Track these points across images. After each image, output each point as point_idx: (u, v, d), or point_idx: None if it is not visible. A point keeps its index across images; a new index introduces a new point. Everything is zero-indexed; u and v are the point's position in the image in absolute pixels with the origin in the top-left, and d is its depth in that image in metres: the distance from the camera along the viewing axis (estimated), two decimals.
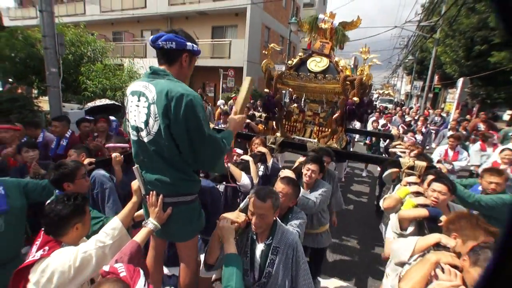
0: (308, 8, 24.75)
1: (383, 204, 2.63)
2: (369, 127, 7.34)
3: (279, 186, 1.99)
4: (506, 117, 12.15)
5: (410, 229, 2.15)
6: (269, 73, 3.88)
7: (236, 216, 1.64)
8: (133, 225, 1.77)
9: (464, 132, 7.46)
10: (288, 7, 20.40)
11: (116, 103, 6.19)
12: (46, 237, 1.39)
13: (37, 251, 1.32)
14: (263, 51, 3.97)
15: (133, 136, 1.47)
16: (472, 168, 5.41)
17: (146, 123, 1.37)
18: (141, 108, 1.38)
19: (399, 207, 2.56)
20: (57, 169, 1.88)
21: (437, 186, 2.24)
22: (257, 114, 6.73)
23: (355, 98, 3.34)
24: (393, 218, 2.33)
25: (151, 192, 1.48)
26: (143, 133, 1.40)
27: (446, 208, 2.26)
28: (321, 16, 3.81)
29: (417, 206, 2.36)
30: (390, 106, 19.89)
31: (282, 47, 17.88)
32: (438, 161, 4.70)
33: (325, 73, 3.63)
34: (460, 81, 10.58)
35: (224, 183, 2.81)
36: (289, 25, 13.75)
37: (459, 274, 1.30)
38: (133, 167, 1.53)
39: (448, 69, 16.10)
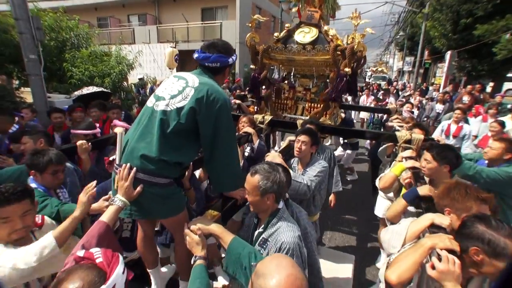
0: None
1: (379, 184, 2.54)
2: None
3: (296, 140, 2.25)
4: (489, 89, 12.39)
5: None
6: (254, 47, 3.70)
7: (201, 223, 1.46)
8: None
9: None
10: None
11: (105, 90, 6.03)
12: None
13: None
14: (250, 27, 3.82)
15: (149, 102, 1.55)
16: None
17: (173, 96, 1.47)
18: (176, 85, 1.51)
19: (397, 186, 2.47)
20: (32, 155, 1.84)
21: (424, 154, 2.15)
22: (248, 95, 6.63)
23: (347, 69, 3.23)
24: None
25: (124, 165, 1.42)
26: (162, 102, 1.47)
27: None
28: None
29: (406, 169, 2.36)
30: (383, 83, 19.89)
31: (269, 18, 17.52)
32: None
33: (314, 44, 3.49)
34: (448, 54, 10.90)
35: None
36: (280, 4, 13.41)
37: (457, 262, 1.20)
38: (118, 131, 1.50)
39: (437, 43, 16.25)
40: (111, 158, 2.12)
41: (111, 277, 0.82)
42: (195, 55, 1.62)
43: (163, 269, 2.04)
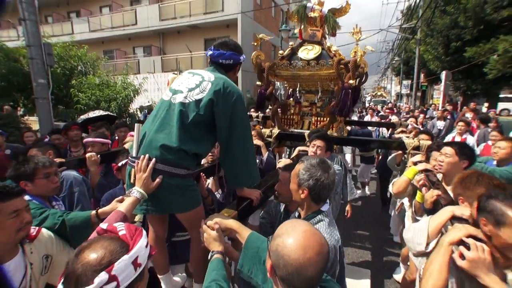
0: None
1: (392, 189, 2.53)
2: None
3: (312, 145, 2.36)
4: (484, 109, 12.87)
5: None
6: (260, 65, 3.81)
7: (216, 220, 1.42)
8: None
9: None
10: (278, 16, 20.90)
11: (111, 114, 6.14)
12: None
13: None
14: (255, 45, 3.99)
15: (165, 96, 1.58)
16: None
17: (191, 89, 1.51)
18: (192, 80, 1.56)
19: (411, 190, 2.45)
20: (15, 165, 1.67)
21: (443, 149, 2.17)
22: (253, 114, 6.76)
23: (351, 81, 3.33)
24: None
25: (142, 156, 1.42)
26: (180, 95, 1.51)
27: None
28: (309, 4, 3.88)
29: (418, 172, 2.35)
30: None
31: (270, 47, 18.18)
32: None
33: (318, 60, 3.62)
34: (443, 74, 11.59)
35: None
36: (279, 33, 14.03)
37: (486, 249, 1.16)
38: (135, 124, 1.52)
39: (432, 65, 17.11)
40: (120, 164, 2.10)
41: (134, 248, 0.80)
42: (209, 53, 1.69)
43: (175, 278, 1.95)
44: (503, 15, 11.79)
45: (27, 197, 1.55)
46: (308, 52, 3.80)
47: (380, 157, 5.70)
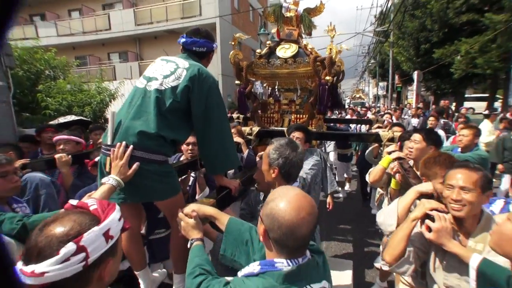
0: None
1: (369, 178, 2.62)
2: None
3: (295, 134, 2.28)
4: (453, 108, 13.79)
5: None
6: (238, 64, 3.83)
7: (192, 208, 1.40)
8: None
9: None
10: (256, 21, 21.12)
11: (84, 119, 5.87)
12: None
13: None
14: (233, 45, 4.00)
15: (139, 84, 1.56)
16: None
17: (166, 76, 1.50)
18: (166, 67, 1.55)
19: (386, 179, 2.54)
20: None
21: (412, 136, 2.29)
22: (234, 115, 6.75)
23: (328, 77, 3.42)
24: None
25: (119, 143, 1.38)
26: (155, 82, 1.50)
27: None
28: (285, 4, 3.94)
29: (392, 160, 2.44)
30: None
31: (249, 52, 18.33)
32: None
33: (295, 58, 3.68)
34: (415, 74, 12.37)
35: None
36: (258, 37, 14.18)
37: (447, 217, 1.29)
38: (109, 111, 1.49)
39: (405, 67, 18.01)
40: (96, 159, 2.02)
41: (105, 220, 0.75)
42: (182, 40, 1.68)
43: (154, 274, 1.88)
44: (463, 19, 12.74)
45: None
46: (285, 51, 3.84)
47: (359, 153, 5.85)
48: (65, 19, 18.66)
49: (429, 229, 1.29)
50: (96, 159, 1.99)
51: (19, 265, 0.66)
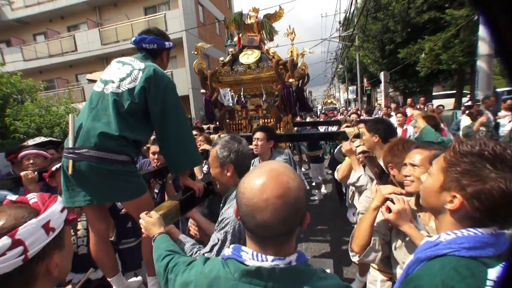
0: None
1: (337, 175, 2.68)
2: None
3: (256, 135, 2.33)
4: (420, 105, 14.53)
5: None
6: (202, 72, 3.87)
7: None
8: None
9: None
10: (222, 34, 21.41)
11: (54, 139, 5.69)
12: None
13: None
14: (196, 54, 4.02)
15: (97, 87, 1.59)
16: None
17: (122, 79, 1.54)
18: (122, 69, 1.58)
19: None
20: None
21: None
22: (205, 126, 6.73)
23: (291, 80, 3.51)
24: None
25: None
26: (111, 85, 1.54)
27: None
28: (245, 12, 4.07)
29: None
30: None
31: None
32: None
33: (258, 63, 3.79)
34: (381, 75, 12.74)
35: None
36: (225, 48, 14.37)
37: (407, 200, 1.33)
38: (70, 115, 1.53)
39: (372, 69, 18.59)
40: (54, 168, 2.00)
41: (45, 212, 0.74)
42: (132, 39, 1.73)
43: (130, 280, 1.84)
44: (424, 18, 13.34)
45: None
46: (248, 57, 3.94)
47: (331, 155, 5.97)
48: (31, 43, 18.17)
49: (389, 210, 1.31)
50: (54, 168, 1.96)
51: None
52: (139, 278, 1.96)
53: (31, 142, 5.61)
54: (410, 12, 13.77)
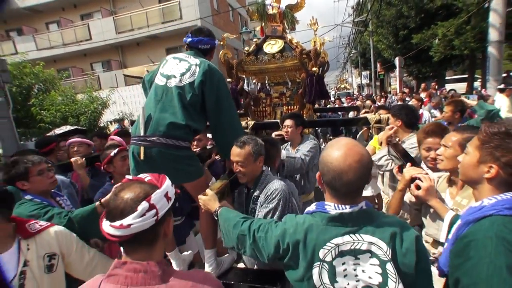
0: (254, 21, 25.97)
1: None
2: None
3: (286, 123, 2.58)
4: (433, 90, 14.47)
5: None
6: (228, 62, 4.00)
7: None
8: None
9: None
10: (236, 21, 21.24)
11: (80, 128, 5.93)
12: None
13: None
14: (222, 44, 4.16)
15: (159, 81, 1.79)
16: None
17: (183, 74, 1.74)
18: (181, 65, 1.78)
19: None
20: (6, 168, 1.70)
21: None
22: None
23: (314, 68, 3.64)
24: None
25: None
26: (174, 80, 1.73)
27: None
28: (267, 1, 4.15)
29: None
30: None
31: (233, 52, 18.43)
32: None
33: (282, 52, 3.90)
34: (396, 60, 12.71)
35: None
36: (241, 36, 14.34)
37: (433, 178, 1.51)
38: (141, 107, 1.73)
39: (386, 54, 18.40)
40: (112, 154, 2.14)
41: (163, 185, 0.94)
42: (188, 39, 1.91)
43: (183, 254, 2.07)
44: (437, 4, 13.26)
45: (28, 197, 1.62)
46: (272, 47, 4.04)
47: None
48: (44, 32, 18.34)
49: (418, 188, 1.47)
50: (112, 153, 2.14)
51: (106, 223, 0.86)
52: (190, 252, 2.18)
53: (57, 131, 5.88)
54: None
